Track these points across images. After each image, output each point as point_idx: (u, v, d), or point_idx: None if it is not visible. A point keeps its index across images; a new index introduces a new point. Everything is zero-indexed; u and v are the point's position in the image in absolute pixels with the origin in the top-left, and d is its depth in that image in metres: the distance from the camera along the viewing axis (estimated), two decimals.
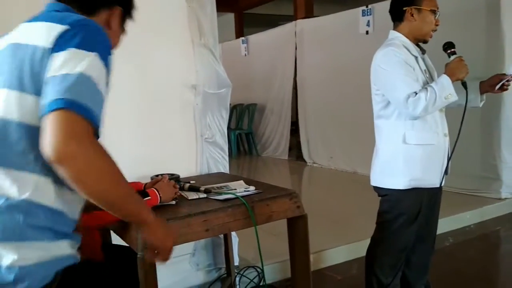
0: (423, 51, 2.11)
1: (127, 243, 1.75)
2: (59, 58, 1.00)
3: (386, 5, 5.69)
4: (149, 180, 2.16)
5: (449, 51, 2.02)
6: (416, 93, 1.89)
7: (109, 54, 1.10)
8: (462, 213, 3.82)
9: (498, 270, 3.22)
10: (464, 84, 1.98)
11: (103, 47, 1.07)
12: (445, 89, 1.90)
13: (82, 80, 0.98)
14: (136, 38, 2.37)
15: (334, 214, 4.14)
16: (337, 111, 5.99)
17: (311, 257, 2.09)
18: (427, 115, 1.97)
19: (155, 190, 1.67)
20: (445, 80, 1.92)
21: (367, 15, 5.41)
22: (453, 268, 2.97)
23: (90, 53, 1.02)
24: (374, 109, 2.14)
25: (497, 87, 2.07)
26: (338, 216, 4.05)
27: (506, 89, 2.10)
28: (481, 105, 2.15)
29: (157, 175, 2.21)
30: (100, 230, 1.65)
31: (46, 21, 1.08)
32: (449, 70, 1.95)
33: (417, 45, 2.09)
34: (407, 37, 2.04)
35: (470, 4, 4.06)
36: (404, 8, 2.03)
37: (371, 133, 5.62)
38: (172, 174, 2.23)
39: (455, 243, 3.43)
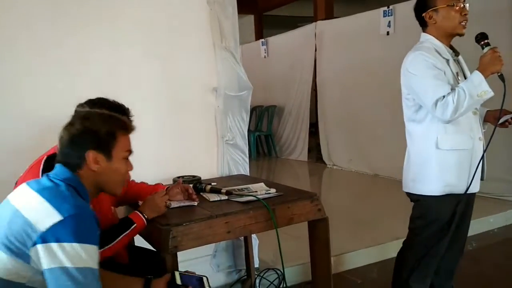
0: (456, 53, 2.04)
1: (151, 245, 1.77)
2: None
3: (407, 6, 5.63)
4: (171, 182, 2.20)
5: (482, 42, 1.91)
6: (445, 97, 1.84)
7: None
8: (486, 216, 3.75)
9: None
10: (501, 77, 1.87)
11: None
12: (477, 86, 1.81)
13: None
14: (159, 41, 2.43)
15: (355, 216, 4.11)
16: (357, 113, 5.94)
17: (332, 260, 2.09)
18: (460, 118, 1.90)
19: (138, 213, 1.67)
20: (475, 77, 1.83)
21: (388, 15, 5.35)
22: (476, 272, 2.92)
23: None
24: (406, 113, 2.08)
25: (499, 121, 1.98)
26: (359, 219, 4.01)
27: (507, 126, 2.03)
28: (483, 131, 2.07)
29: (178, 177, 2.24)
30: None
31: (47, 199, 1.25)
32: (481, 65, 1.85)
33: (451, 47, 2.03)
34: (437, 38, 1.98)
35: (495, 4, 3.99)
36: (422, 15, 2.00)
37: (391, 135, 5.56)
38: (194, 176, 2.26)
39: (478, 247, 3.37)
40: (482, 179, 2.06)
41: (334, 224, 2.06)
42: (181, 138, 2.43)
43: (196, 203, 1.88)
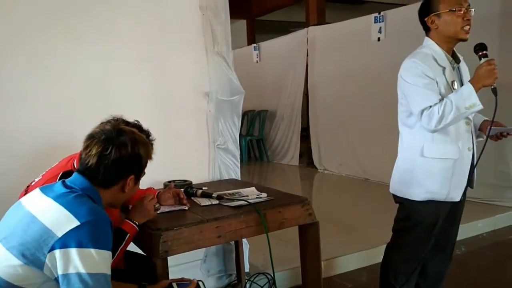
0: (457, 61, 2.02)
1: (141, 250, 1.77)
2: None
3: (398, 12, 5.72)
4: (162, 186, 2.20)
5: (480, 53, 1.88)
6: (431, 107, 1.85)
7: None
8: (474, 221, 3.79)
9: (510, 279, 3.18)
10: (493, 90, 1.85)
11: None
12: (465, 99, 1.80)
13: None
14: (151, 46, 2.44)
15: (345, 221, 4.13)
16: (348, 117, 5.99)
17: (322, 264, 2.10)
18: (450, 128, 1.90)
19: (128, 221, 1.66)
20: (466, 89, 1.82)
21: (379, 22, 5.41)
22: (464, 277, 2.95)
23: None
24: (399, 116, 2.09)
25: (489, 133, 1.94)
26: (349, 223, 4.03)
27: (496, 140, 2.04)
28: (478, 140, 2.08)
29: (169, 181, 2.24)
30: None
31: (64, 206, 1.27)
32: (475, 77, 1.84)
33: (453, 54, 2.01)
34: (438, 44, 1.97)
35: (485, 10, 4.03)
36: (425, 19, 2.00)
37: (382, 140, 5.61)
38: (185, 180, 2.26)
39: (467, 251, 3.40)
40: (471, 187, 2.07)
41: (324, 228, 2.07)
42: (172, 143, 2.43)
43: (187, 208, 1.89)
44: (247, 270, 2.72)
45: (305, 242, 2.02)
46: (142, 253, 1.81)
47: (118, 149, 1.37)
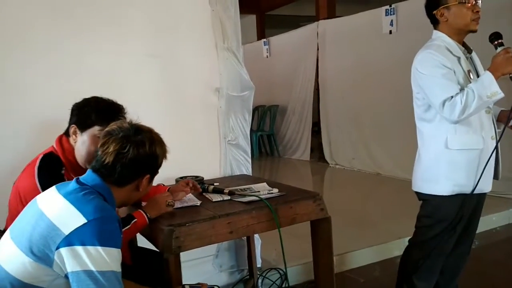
0: (469, 51, 2.00)
1: (154, 245, 1.78)
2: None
3: (409, 4, 5.65)
4: (173, 183, 2.21)
5: (495, 42, 1.88)
6: (453, 97, 1.82)
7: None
8: (488, 215, 3.74)
9: None
10: (511, 78, 1.85)
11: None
12: (486, 87, 1.79)
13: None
14: (161, 42, 2.44)
15: (357, 216, 4.11)
16: (359, 112, 5.95)
17: (334, 259, 2.09)
18: (471, 118, 1.88)
19: (141, 212, 1.67)
20: (486, 77, 1.80)
21: (391, 14, 5.35)
22: (479, 271, 2.92)
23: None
24: (416, 112, 2.06)
25: (510, 123, 1.95)
26: (361, 218, 4.02)
27: None
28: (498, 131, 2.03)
29: (181, 177, 2.25)
30: None
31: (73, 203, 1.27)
32: (493, 65, 1.83)
33: (463, 44, 2.00)
34: (449, 36, 1.95)
35: (496, 1, 3.98)
36: (433, 12, 1.97)
37: (394, 134, 5.56)
38: (197, 176, 2.26)
39: (481, 245, 3.36)
40: (497, 178, 2.04)
41: (336, 223, 2.06)
42: (183, 139, 2.43)
43: (198, 203, 1.89)
44: (259, 265, 2.73)
45: (317, 237, 2.01)
46: (153, 248, 1.82)
47: (136, 148, 1.37)
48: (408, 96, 2.11)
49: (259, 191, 2.01)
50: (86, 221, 1.21)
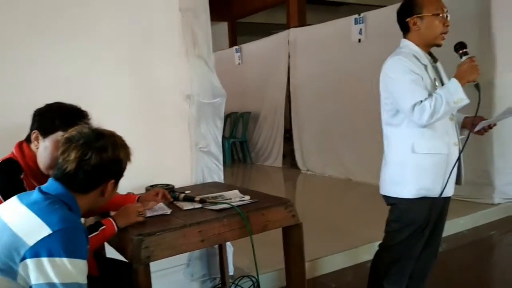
0: (434, 60, 2.07)
1: (122, 256, 1.74)
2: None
3: (378, 14, 5.78)
4: (143, 191, 2.17)
5: (460, 51, 1.95)
6: (422, 101, 1.88)
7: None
8: (455, 218, 3.84)
9: (492, 276, 3.24)
10: (476, 86, 1.92)
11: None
12: (453, 94, 1.86)
13: None
14: (130, 48, 2.41)
15: (329, 221, 4.14)
16: (330, 118, 6.02)
17: (306, 265, 2.10)
18: (437, 123, 1.94)
19: (110, 220, 1.65)
20: (452, 84, 1.88)
21: (360, 23, 5.46)
22: (447, 275, 2.98)
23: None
24: (383, 117, 2.10)
25: (476, 129, 2.05)
26: (333, 224, 4.05)
27: (483, 134, 2.09)
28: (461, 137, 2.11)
29: (152, 186, 2.22)
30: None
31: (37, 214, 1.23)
32: (459, 73, 1.90)
33: (429, 53, 2.06)
34: (417, 45, 2.01)
35: (463, 9, 4.12)
36: (407, 20, 2.02)
37: (365, 141, 5.65)
38: (167, 185, 2.23)
39: (448, 249, 3.44)
40: (459, 183, 2.10)
41: (308, 229, 2.07)
42: (153, 146, 2.40)
43: (169, 212, 1.87)
44: (231, 273, 2.71)
45: (289, 243, 2.01)
46: (122, 259, 1.78)
47: (99, 154, 1.34)
48: (377, 103, 2.15)
49: (230, 199, 2.00)
50: (51, 231, 1.18)
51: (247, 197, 2.01)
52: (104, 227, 1.60)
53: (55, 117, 1.64)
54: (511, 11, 4.15)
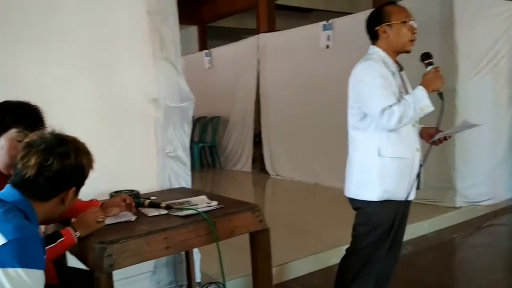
0: (400, 68, 2.14)
1: (84, 264, 1.69)
2: None
3: (345, 20, 5.88)
4: (107, 197, 2.12)
5: (426, 61, 2.02)
6: (391, 106, 1.93)
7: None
8: (420, 222, 3.94)
9: (454, 277, 3.33)
10: (440, 95, 2.00)
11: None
12: (419, 100, 1.92)
13: None
14: (95, 51, 2.35)
15: (297, 226, 4.16)
16: (299, 123, 6.07)
17: (274, 270, 2.10)
18: (401, 129, 2.00)
19: (69, 230, 1.59)
20: (419, 91, 1.94)
21: (328, 30, 5.53)
22: (411, 277, 3.04)
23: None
24: (350, 120, 2.14)
25: (432, 140, 2.12)
26: (301, 228, 4.07)
27: (437, 144, 2.16)
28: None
29: (116, 192, 2.16)
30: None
31: None
32: (424, 81, 1.96)
33: (396, 62, 2.12)
34: (386, 52, 2.07)
35: (425, 17, 4.24)
36: (376, 28, 2.08)
37: (332, 145, 5.70)
38: (132, 190, 2.18)
39: (413, 251, 3.52)
40: (418, 188, 2.15)
41: (276, 233, 2.07)
42: (118, 151, 2.35)
43: (133, 219, 1.82)
44: (198, 280, 2.67)
45: (256, 249, 2.00)
46: (84, 267, 1.72)
47: (61, 160, 1.29)
48: (345, 108, 2.18)
49: (197, 204, 1.97)
50: (5, 241, 1.13)
51: (214, 203, 1.99)
52: (62, 239, 1.54)
53: (5, 115, 1.58)
54: (473, 20, 4.31)
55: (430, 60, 2.02)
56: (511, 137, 4.74)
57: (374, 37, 2.11)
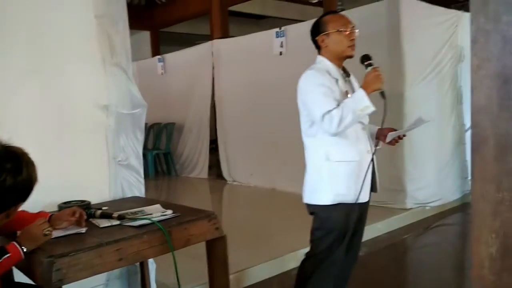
0: (347, 74, 2.20)
1: (31, 280, 1.60)
2: None
3: (298, 28, 5.97)
4: (56, 209, 2.02)
5: (365, 63, 2.08)
6: (330, 111, 1.98)
7: None
8: (374, 223, 4.04)
9: (406, 276, 3.44)
10: (382, 94, 2.05)
11: None
12: (359, 102, 1.98)
13: None
14: (41, 56, 2.24)
15: (254, 231, 4.16)
16: (255, 129, 6.09)
17: (232, 277, 2.08)
18: (349, 133, 2.05)
19: (15, 245, 1.50)
20: (358, 93, 2.01)
21: (281, 36, 5.61)
22: (367, 277, 3.12)
23: None
24: (302, 128, 2.20)
25: (386, 140, 2.18)
26: (258, 234, 4.07)
27: (394, 144, 2.24)
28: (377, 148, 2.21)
29: (65, 203, 2.07)
30: None
31: None
32: (365, 83, 2.03)
33: (343, 69, 2.19)
34: (330, 60, 2.15)
35: (374, 26, 4.40)
36: (316, 39, 2.16)
37: (287, 150, 5.76)
38: (82, 201, 2.10)
39: (368, 252, 3.61)
40: (375, 191, 2.21)
41: (234, 240, 2.06)
42: (67, 161, 2.25)
43: (84, 230, 1.75)
44: None
45: (212, 257, 1.98)
46: (32, 283, 1.63)
47: (13, 176, 1.23)
48: (298, 114, 2.21)
49: (151, 214, 1.92)
50: None
51: (169, 212, 1.95)
52: (8, 255, 1.45)
53: None
54: (418, 28, 4.51)
55: (369, 62, 2.08)
56: (455, 139, 4.99)
57: (317, 47, 2.20)
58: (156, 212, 1.94)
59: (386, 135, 2.18)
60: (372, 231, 3.97)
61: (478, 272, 1.17)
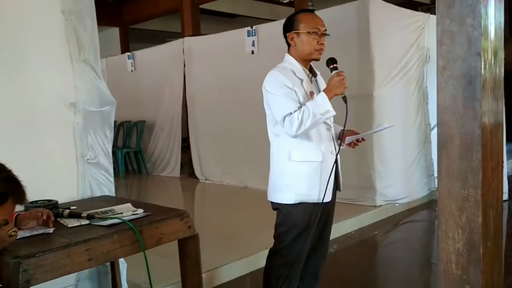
0: (314, 74, 2.21)
1: None
2: None
3: (269, 27, 5.99)
4: (22, 209, 1.96)
5: (331, 66, 2.08)
6: (291, 113, 2.00)
7: None
8: (344, 221, 4.12)
9: (376, 271, 3.51)
10: (344, 99, 2.06)
11: None
12: (319, 106, 1.98)
13: None
14: (5, 52, 2.17)
15: (227, 230, 4.16)
16: (226, 127, 6.08)
17: (204, 276, 2.08)
18: (312, 133, 2.07)
19: None
20: (320, 97, 2.01)
21: (252, 35, 5.61)
22: (337, 274, 3.17)
23: None
24: (268, 126, 2.20)
25: (345, 142, 2.20)
26: (231, 232, 4.07)
27: (353, 147, 2.25)
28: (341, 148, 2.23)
29: (31, 203, 2.01)
30: None
31: None
32: (328, 87, 2.03)
33: (310, 68, 2.19)
34: (296, 60, 2.14)
35: (344, 28, 4.46)
36: (286, 34, 2.16)
37: (259, 148, 5.79)
38: (50, 200, 2.04)
39: (338, 249, 3.67)
40: (339, 190, 2.25)
41: (206, 239, 2.05)
42: (33, 159, 2.18)
43: (51, 231, 1.70)
44: None
45: (184, 256, 1.97)
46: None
47: None
48: None
49: (122, 213, 1.89)
50: None
51: (140, 211, 1.92)
52: None
53: None
54: (386, 30, 4.61)
55: (334, 65, 2.09)
56: (421, 139, 5.12)
57: (287, 43, 2.19)
58: (127, 211, 1.92)
59: (343, 136, 2.19)
60: (343, 228, 4.05)
61: (445, 267, 1.21)
